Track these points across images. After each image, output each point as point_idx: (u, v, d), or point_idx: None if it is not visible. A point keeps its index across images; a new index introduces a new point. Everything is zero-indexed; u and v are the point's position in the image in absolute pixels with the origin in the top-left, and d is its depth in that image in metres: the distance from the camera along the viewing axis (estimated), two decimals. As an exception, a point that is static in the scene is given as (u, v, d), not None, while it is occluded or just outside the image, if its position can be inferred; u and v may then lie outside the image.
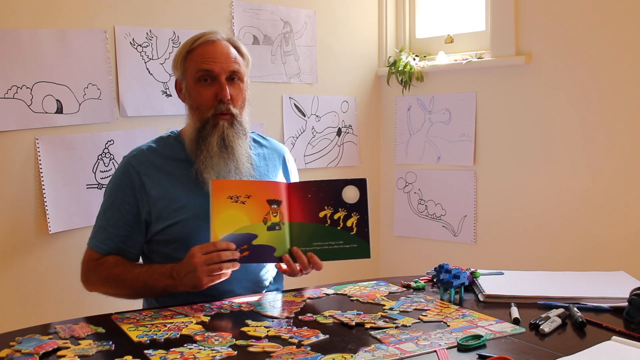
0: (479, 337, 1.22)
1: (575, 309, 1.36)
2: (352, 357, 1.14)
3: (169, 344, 1.22)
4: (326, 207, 1.62)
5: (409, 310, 1.43)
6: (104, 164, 2.17)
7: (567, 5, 2.36)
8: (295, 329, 1.31)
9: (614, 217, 2.29)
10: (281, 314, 1.43)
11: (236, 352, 1.18)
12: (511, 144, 2.55)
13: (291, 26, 2.69)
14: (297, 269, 1.61)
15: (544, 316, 1.33)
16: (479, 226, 2.67)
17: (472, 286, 1.59)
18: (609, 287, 1.55)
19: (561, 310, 1.37)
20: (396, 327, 1.31)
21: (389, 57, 2.95)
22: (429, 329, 1.30)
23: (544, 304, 1.45)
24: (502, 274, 1.70)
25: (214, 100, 1.68)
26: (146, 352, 1.18)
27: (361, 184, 1.63)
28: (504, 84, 2.56)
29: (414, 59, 2.83)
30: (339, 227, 1.61)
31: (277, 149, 1.90)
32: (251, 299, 1.57)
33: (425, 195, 2.85)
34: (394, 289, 1.63)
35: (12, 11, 1.97)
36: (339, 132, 2.89)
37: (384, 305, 1.48)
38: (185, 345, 1.22)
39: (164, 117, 2.31)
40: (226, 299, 1.56)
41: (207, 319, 1.39)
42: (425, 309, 1.44)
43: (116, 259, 1.67)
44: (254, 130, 1.89)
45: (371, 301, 1.52)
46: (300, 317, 1.40)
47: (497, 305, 1.46)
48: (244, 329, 1.31)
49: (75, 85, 2.10)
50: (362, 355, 1.15)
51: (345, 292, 1.61)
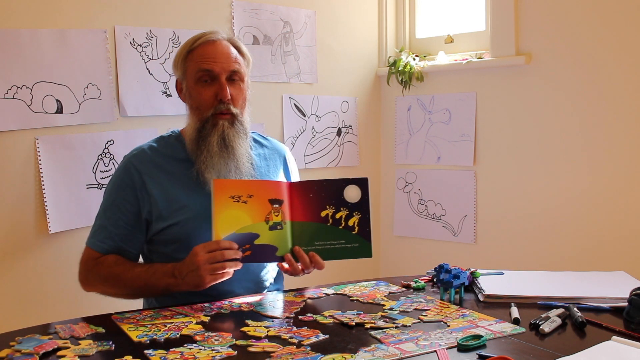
0: (479, 337, 1.22)
1: (575, 309, 1.36)
2: (352, 357, 1.14)
3: (169, 344, 1.22)
4: (328, 207, 1.62)
5: (409, 310, 1.43)
6: (104, 164, 2.17)
7: (567, 5, 2.36)
8: (295, 329, 1.31)
9: (614, 217, 2.29)
10: (281, 314, 1.43)
11: (236, 352, 1.18)
12: (511, 144, 2.55)
13: (291, 26, 2.69)
14: (299, 268, 1.60)
15: (544, 316, 1.33)
16: (479, 226, 2.67)
17: (472, 286, 1.59)
18: (609, 287, 1.55)
19: (561, 310, 1.37)
20: (396, 327, 1.31)
21: (389, 57, 2.95)
22: (429, 329, 1.30)
23: (544, 304, 1.45)
24: (502, 274, 1.70)
25: (214, 100, 1.68)
26: (146, 352, 1.18)
27: (363, 184, 1.63)
28: (504, 84, 2.56)
29: (414, 59, 2.83)
30: (340, 227, 1.61)
31: (278, 149, 1.90)
32: (251, 299, 1.57)
33: (425, 195, 2.85)
34: (394, 289, 1.63)
35: (12, 11, 1.97)
36: (339, 132, 2.89)
37: (384, 305, 1.48)
38: (185, 345, 1.22)
39: (164, 117, 2.31)
40: (226, 299, 1.56)
41: (207, 319, 1.39)
42: (425, 309, 1.44)
43: (116, 258, 1.65)
44: (254, 130, 1.89)
45: (371, 301, 1.52)
46: (300, 317, 1.40)
47: (497, 305, 1.46)
48: (244, 329, 1.31)
49: (75, 85, 2.10)
50: (362, 355, 1.15)
51: (345, 292, 1.61)
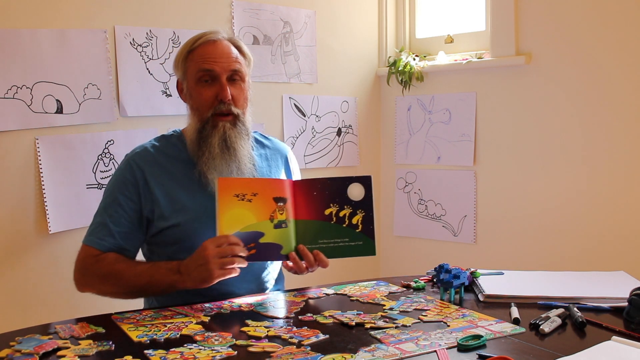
0: (479, 337, 1.22)
1: (575, 309, 1.36)
2: (352, 357, 1.14)
3: (169, 344, 1.22)
4: (332, 205, 1.61)
5: (409, 310, 1.43)
6: (104, 164, 2.17)
7: (567, 5, 2.36)
8: (295, 329, 1.31)
9: (613, 217, 2.29)
10: (281, 314, 1.43)
11: (236, 352, 1.18)
12: (511, 144, 2.55)
13: (291, 26, 2.69)
14: (304, 266, 1.60)
15: (544, 316, 1.33)
16: (479, 226, 2.67)
17: (472, 286, 1.59)
18: (609, 287, 1.55)
19: (561, 310, 1.37)
20: (396, 327, 1.31)
21: (389, 57, 2.95)
22: (429, 329, 1.30)
23: (544, 304, 1.45)
24: (502, 274, 1.70)
25: (214, 100, 1.66)
26: (146, 352, 1.18)
27: (366, 182, 1.63)
28: (504, 84, 2.56)
29: (414, 59, 2.83)
30: (344, 225, 1.61)
31: (280, 149, 1.89)
32: (251, 299, 1.57)
33: (425, 195, 2.85)
34: (394, 289, 1.63)
35: (12, 11, 1.97)
36: (339, 132, 2.89)
37: (384, 305, 1.48)
38: (185, 345, 1.22)
39: (164, 117, 2.31)
40: (226, 300, 1.55)
41: (207, 319, 1.39)
42: (425, 309, 1.44)
43: (117, 256, 1.62)
44: (255, 130, 1.88)
45: (371, 301, 1.52)
46: (300, 317, 1.40)
47: (497, 305, 1.46)
48: (244, 329, 1.31)
49: (75, 85, 2.10)
50: (362, 355, 1.15)
51: (345, 292, 1.61)
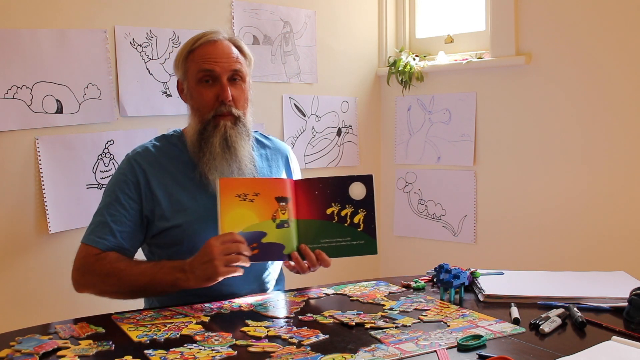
0: (479, 337, 1.22)
1: (575, 309, 1.36)
2: (352, 357, 1.14)
3: (169, 344, 1.22)
4: (333, 204, 1.61)
5: (409, 310, 1.43)
6: (104, 164, 2.17)
7: (567, 5, 2.36)
8: (295, 329, 1.31)
9: (613, 217, 2.29)
10: (281, 314, 1.43)
11: (236, 352, 1.18)
12: (511, 144, 2.55)
13: (291, 26, 2.69)
14: (306, 266, 1.59)
15: (544, 316, 1.33)
16: (479, 226, 2.67)
17: (472, 286, 1.59)
18: (609, 287, 1.55)
19: (561, 310, 1.37)
20: (396, 327, 1.31)
21: (389, 57, 2.95)
22: (429, 329, 1.30)
23: (544, 304, 1.45)
24: (502, 274, 1.70)
25: (215, 101, 1.66)
26: (146, 352, 1.18)
27: (368, 181, 1.63)
28: (504, 84, 2.56)
29: (414, 59, 2.83)
30: (346, 224, 1.61)
31: (281, 149, 1.88)
32: (251, 299, 1.57)
33: (425, 195, 2.85)
34: (394, 289, 1.63)
35: (12, 11, 1.97)
36: (339, 132, 2.89)
37: (384, 305, 1.48)
38: (185, 345, 1.22)
39: (164, 117, 2.31)
40: (226, 300, 1.55)
41: (207, 319, 1.39)
42: (425, 309, 1.44)
43: (118, 255, 1.61)
44: (255, 129, 1.87)
45: (371, 301, 1.52)
46: (300, 317, 1.40)
47: (497, 305, 1.46)
48: (244, 329, 1.31)
49: (75, 85, 2.10)
50: (362, 355, 1.15)
51: (345, 292, 1.61)
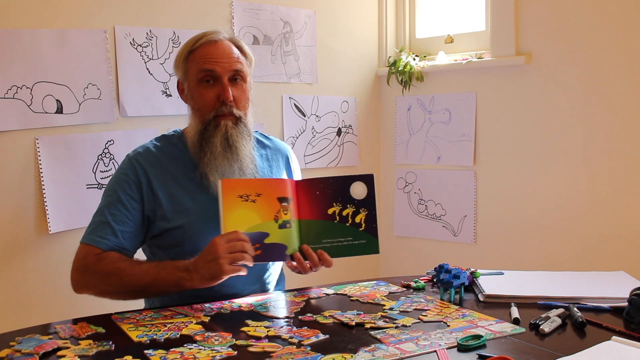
0: (479, 337, 1.22)
1: (575, 309, 1.36)
2: (352, 357, 1.14)
3: (169, 344, 1.22)
4: (335, 204, 1.61)
5: (409, 310, 1.43)
6: (104, 164, 2.17)
7: (567, 5, 2.36)
8: (295, 329, 1.31)
9: (613, 217, 2.29)
10: (281, 314, 1.43)
11: (236, 352, 1.18)
12: (511, 144, 2.55)
13: (291, 26, 2.69)
14: (308, 266, 1.59)
15: (544, 316, 1.33)
16: (479, 226, 2.67)
17: (472, 286, 1.59)
18: (609, 287, 1.55)
19: (561, 310, 1.37)
20: (396, 327, 1.31)
21: (389, 57, 2.95)
22: (429, 329, 1.30)
23: (544, 304, 1.45)
24: (502, 274, 1.70)
25: (216, 101, 1.65)
26: (146, 352, 1.18)
27: (369, 180, 1.63)
28: (504, 84, 2.56)
29: (414, 59, 2.83)
30: (347, 224, 1.61)
31: (281, 149, 1.88)
32: (251, 299, 1.57)
33: (425, 195, 2.85)
34: (394, 289, 1.63)
35: (12, 11, 1.97)
36: (339, 132, 2.89)
37: (384, 305, 1.48)
38: (185, 345, 1.22)
39: (164, 117, 2.31)
40: (227, 300, 1.55)
41: (207, 319, 1.39)
42: (425, 309, 1.44)
43: (120, 255, 1.59)
44: (255, 129, 1.87)
45: (371, 301, 1.52)
46: (300, 317, 1.40)
47: (497, 305, 1.46)
48: (244, 329, 1.31)
49: (75, 85, 2.10)
50: (362, 355, 1.15)
51: (345, 292, 1.61)
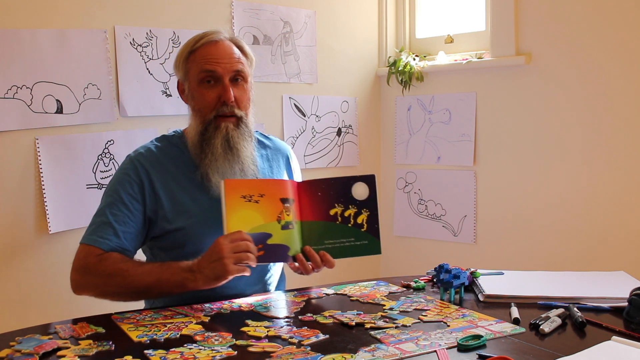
0: (479, 337, 1.22)
1: (575, 309, 1.36)
2: (352, 357, 1.14)
3: (169, 344, 1.22)
4: (336, 205, 1.61)
5: (409, 310, 1.43)
6: (104, 164, 2.17)
7: (567, 5, 2.36)
8: (295, 329, 1.31)
9: (613, 217, 2.29)
10: (281, 314, 1.43)
11: (236, 352, 1.18)
12: (511, 144, 2.55)
13: (291, 26, 2.69)
14: (310, 267, 1.59)
15: (544, 316, 1.33)
16: (479, 226, 2.67)
17: (472, 286, 1.59)
18: (609, 287, 1.55)
19: (561, 310, 1.37)
20: (396, 327, 1.31)
21: (389, 57, 2.95)
22: (429, 329, 1.30)
23: (544, 304, 1.45)
24: (502, 274, 1.70)
25: (217, 101, 1.64)
26: (146, 352, 1.18)
27: (370, 181, 1.63)
28: (504, 84, 2.56)
29: (414, 59, 2.83)
30: (349, 225, 1.61)
31: (281, 149, 1.87)
32: (251, 299, 1.57)
33: (425, 195, 2.85)
34: (394, 289, 1.63)
35: (12, 11, 1.97)
36: (339, 132, 2.89)
37: (384, 305, 1.48)
38: (185, 345, 1.22)
39: (164, 117, 2.31)
40: (226, 300, 1.55)
41: (207, 319, 1.39)
42: (425, 309, 1.44)
43: (121, 255, 1.58)
44: (255, 129, 1.87)
45: (371, 301, 1.52)
46: (300, 317, 1.40)
47: (497, 305, 1.46)
48: (244, 329, 1.31)
49: (75, 85, 2.10)
50: (362, 355, 1.15)
51: (345, 292, 1.61)
